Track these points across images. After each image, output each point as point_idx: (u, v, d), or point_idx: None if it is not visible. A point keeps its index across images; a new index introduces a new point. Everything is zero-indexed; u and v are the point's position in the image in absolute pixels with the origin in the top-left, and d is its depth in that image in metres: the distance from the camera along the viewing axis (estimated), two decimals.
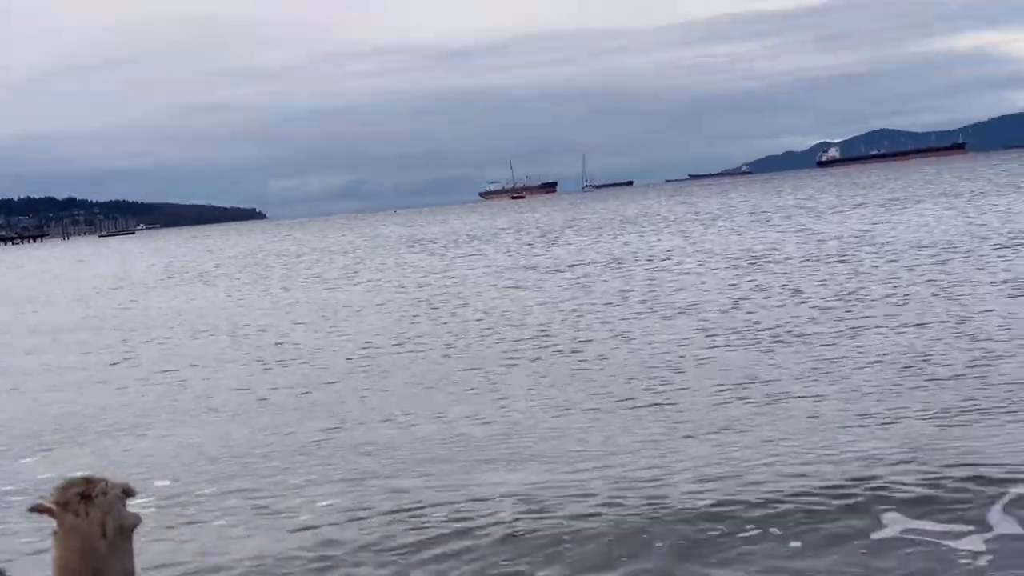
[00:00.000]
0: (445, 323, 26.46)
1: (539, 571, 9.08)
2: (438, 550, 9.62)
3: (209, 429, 15.69)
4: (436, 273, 44.80)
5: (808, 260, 34.45)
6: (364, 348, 22.97)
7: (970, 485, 10.15)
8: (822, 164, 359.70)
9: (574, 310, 26.92)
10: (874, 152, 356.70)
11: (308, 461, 13.22)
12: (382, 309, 31.40)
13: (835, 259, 33.89)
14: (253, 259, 76.44)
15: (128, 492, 4.79)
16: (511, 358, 20.07)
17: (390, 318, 28.76)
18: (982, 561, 8.55)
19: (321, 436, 14.57)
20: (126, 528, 4.75)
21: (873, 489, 10.27)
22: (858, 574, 8.55)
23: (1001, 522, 9.22)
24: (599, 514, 10.22)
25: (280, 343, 25.18)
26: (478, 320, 26.46)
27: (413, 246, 73.59)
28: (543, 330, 23.50)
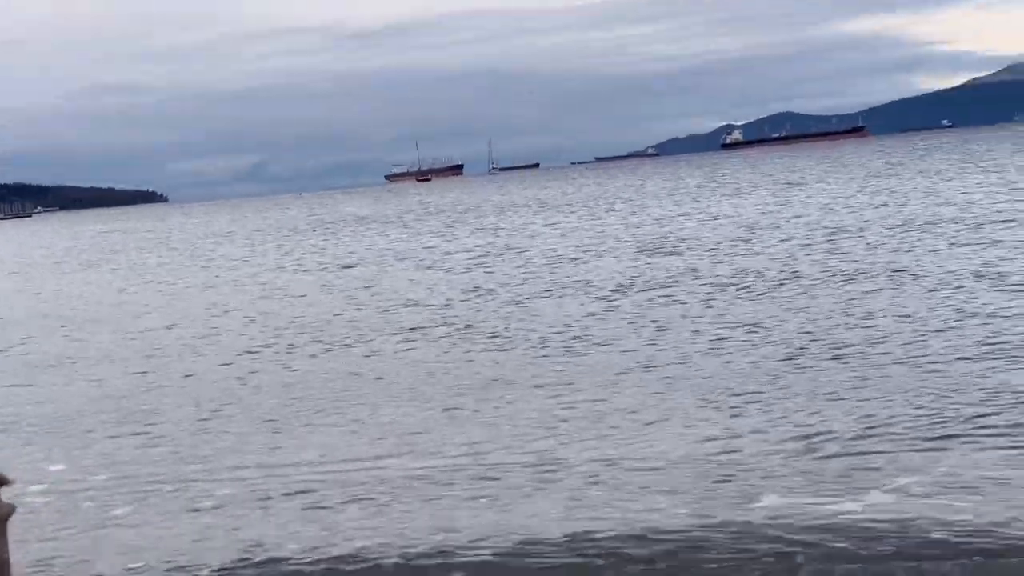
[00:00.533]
0: (343, 304, 26.39)
1: (444, 527, 9.23)
2: (341, 529, 9.72)
3: (103, 414, 15.50)
4: (336, 256, 44.56)
5: (707, 241, 34.96)
6: (262, 331, 22.85)
7: (854, 459, 10.52)
8: (726, 146, 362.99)
9: (475, 288, 27.11)
10: (777, 135, 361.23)
11: (202, 449, 13.15)
12: (282, 292, 31.20)
13: (733, 240, 34.45)
14: (149, 243, 75.24)
15: (1, 481, 4.80)
16: (407, 339, 20.11)
17: (289, 301, 28.59)
18: (865, 522, 8.90)
19: (214, 421, 14.51)
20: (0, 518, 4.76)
21: (758, 465, 10.60)
22: (742, 530, 8.90)
23: (883, 493, 9.55)
24: (493, 493, 10.41)
25: (175, 326, 24.95)
26: (384, 303, 26.45)
27: (316, 229, 73.04)
28: (441, 311, 23.60)
